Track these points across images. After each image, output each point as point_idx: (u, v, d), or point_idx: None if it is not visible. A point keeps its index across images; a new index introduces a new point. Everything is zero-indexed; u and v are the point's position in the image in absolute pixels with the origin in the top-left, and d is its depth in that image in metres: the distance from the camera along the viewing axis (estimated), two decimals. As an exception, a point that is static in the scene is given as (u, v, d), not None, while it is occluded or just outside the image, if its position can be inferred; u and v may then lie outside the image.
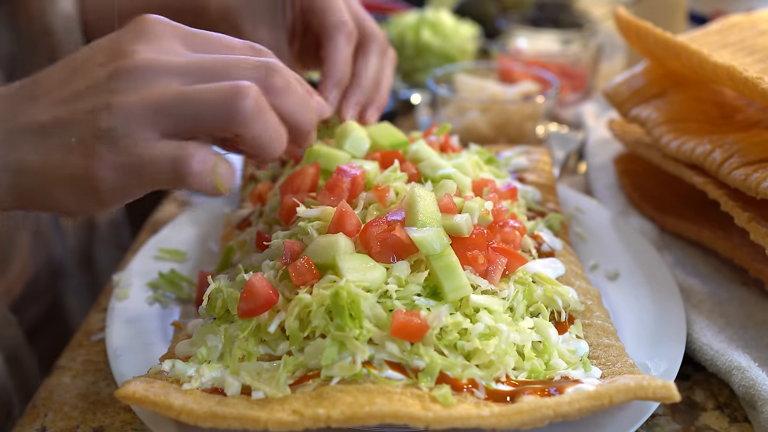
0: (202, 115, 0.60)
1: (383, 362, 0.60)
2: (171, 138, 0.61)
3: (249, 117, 0.60)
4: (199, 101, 0.60)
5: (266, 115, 0.62)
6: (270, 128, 0.63)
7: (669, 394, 0.59)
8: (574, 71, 1.44)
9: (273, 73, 0.63)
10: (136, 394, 0.58)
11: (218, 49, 0.65)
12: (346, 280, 0.63)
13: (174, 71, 0.61)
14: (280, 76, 0.64)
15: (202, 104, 0.60)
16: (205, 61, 0.63)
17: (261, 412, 0.56)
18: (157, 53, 0.61)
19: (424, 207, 0.69)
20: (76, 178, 0.60)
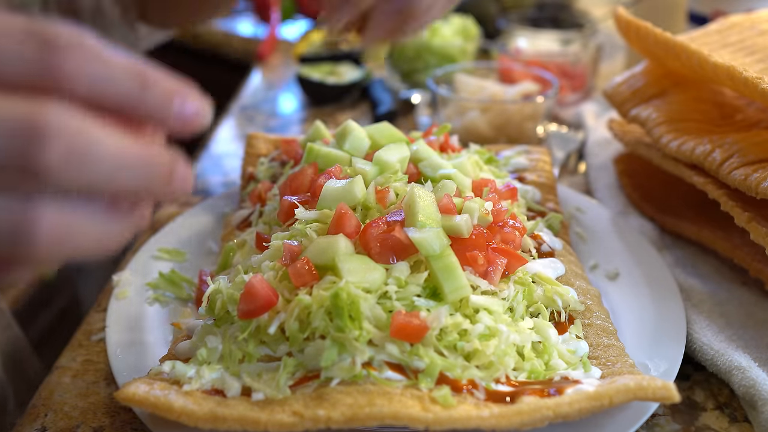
0: None
1: (383, 363, 0.60)
2: None
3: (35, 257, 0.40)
4: None
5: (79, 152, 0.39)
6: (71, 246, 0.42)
7: (669, 394, 0.59)
8: (574, 71, 1.44)
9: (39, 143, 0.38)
10: (136, 396, 0.58)
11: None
12: (346, 281, 0.62)
13: None
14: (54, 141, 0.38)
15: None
16: None
17: (261, 414, 0.56)
18: None
19: (424, 208, 0.69)
20: None
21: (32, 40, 0.39)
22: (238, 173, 1.07)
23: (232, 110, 1.57)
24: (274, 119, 1.53)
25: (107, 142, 0.40)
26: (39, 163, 0.38)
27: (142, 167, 0.41)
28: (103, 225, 0.42)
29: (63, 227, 0.40)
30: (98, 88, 0.40)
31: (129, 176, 0.41)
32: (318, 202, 0.74)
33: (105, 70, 0.40)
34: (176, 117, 0.43)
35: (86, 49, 0.40)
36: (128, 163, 0.41)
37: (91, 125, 0.39)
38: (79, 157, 0.39)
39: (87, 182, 0.40)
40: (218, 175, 1.27)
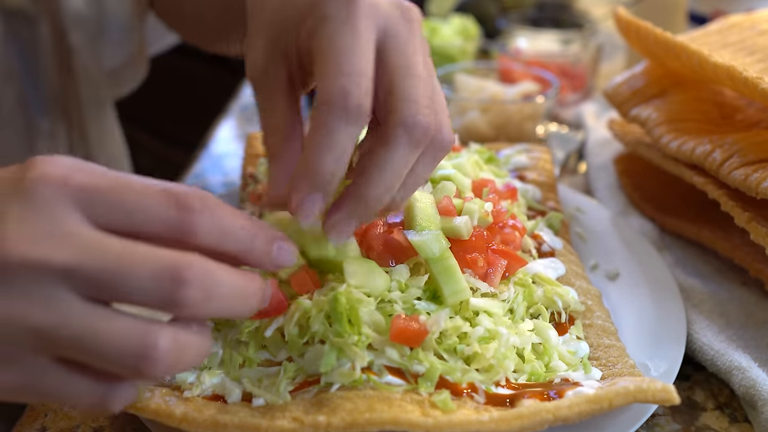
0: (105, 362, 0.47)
1: (383, 367, 0.60)
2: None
3: (163, 371, 0.48)
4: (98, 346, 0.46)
5: (185, 355, 0.49)
6: (192, 360, 0.50)
7: (668, 396, 0.59)
8: (574, 71, 1.44)
9: (182, 285, 0.47)
10: (137, 403, 0.58)
11: (127, 216, 0.48)
12: (347, 284, 0.62)
13: (60, 275, 0.45)
14: (191, 286, 0.47)
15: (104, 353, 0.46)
16: (100, 262, 0.45)
17: (262, 420, 0.57)
18: (38, 243, 0.45)
19: (423, 211, 0.69)
20: None
21: (172, 203, 0.49)
22: (238, 173, 1.07)
23: (232, 110, 1.57)
24: (274, 119, 1.52)
25: (229, 282, 0.50)
26: (180, 300, 0.47)
27: (250, 297, 0.52)
28: (203, 343, 0.51)
29: (178, 347, 0.48)
30: (221, 242, 0.51)
31: (239, 305, 0.52)
32: None
33: (227, 227, 0.51)
34: (273, 260, 0.54)
35: (213, 210, 0.50)
36: (242, 296, 0.51)
37: (217, 268, 0.49)
38: (212, 296, 0.48)
39: (212, 315, 0.50)
40: (218, 175, 1.27)
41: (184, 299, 0.47)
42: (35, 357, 0.47)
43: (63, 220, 0.46)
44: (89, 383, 0.48)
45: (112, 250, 0.46)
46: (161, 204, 0.48)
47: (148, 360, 0.46)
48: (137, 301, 0.47)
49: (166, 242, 0.48)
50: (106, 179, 0.48)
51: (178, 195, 0.49)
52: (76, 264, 0.45)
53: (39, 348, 0.46)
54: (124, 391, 0.50)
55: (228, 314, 0.51)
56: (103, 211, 0.48)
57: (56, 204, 0.46)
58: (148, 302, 0.47)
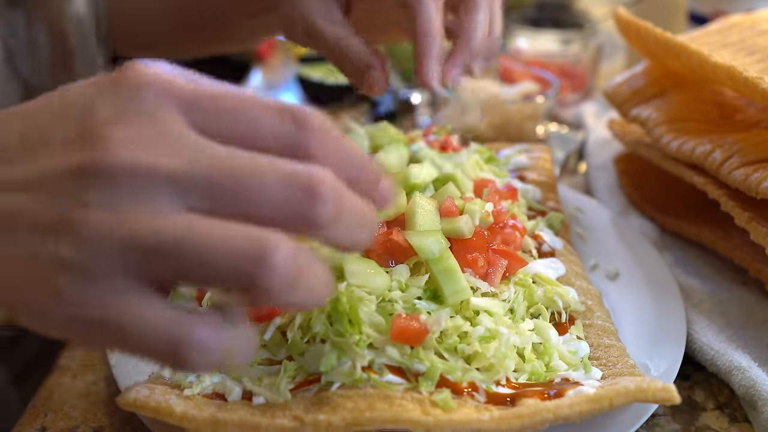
0: (211, 276, 0.42)
1: (383, 366, 0.60)
2: (156, 289, 0.42)
3: (279, 287, 0.42)
4: (210, 255, 0.41)
5: (305, 278, 0.43)
6: (312, 290, 0.44)
7: (669, 396, 0.59)
8: (574, 71, 1.44)
9: (317, 200, 0.42)
10: (137, 401, 0.58)
11: (236, 125, 0.44)
12: (347, 284, 0.62)
13: (169, 184, 0.41)
14: (326, 202, 0.43)
15: (214, 262, 0.41)
16: (215, 169, 0.42)
17: (262, 418, 0.56)
18: (146, 148, 0.41)
19: (423, 217, 0.69)
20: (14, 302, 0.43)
21: (289, 120, 0.45)
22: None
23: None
24: (274, 119, 1.52)
25: (355, 204, 0.45)
26: (314, 216, 0.43)
27: (370, 224, 0.47)
28: (327, 275, 0.45)
29: (299, 264, 0.42)
30: (336, 165, 0.45)
31: (362, 232, 0.46)
32: None
33: (343, 153, 0.46)
34: (377, 197, 0.49)
35: (330, 132, 0.46)
36: (364, 221, 0.46)
37: (346, 190, 0.45)
38: (340, 216, 0.44)
39: (337, 238, 0.45)
40: (218, 175, 1.27)
41: (318, 215, 0.42)
42: (125, 278, 0.41)
43: (172, 126, 0.42)
44: (174, 317, 0.42)
45: (231, 157, 0.42)
46: (276, 117, 0.44)
47: (266, 268, 0.40)
48: (263, 215, 0.42)
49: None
50: (213, 87, 0.44)
51: (294, 111, 0.45)
52: (188, 171, 0.41)
53: (135, 267, 0.41)
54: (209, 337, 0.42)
55: (350, 240, 0.46)
56: (211, 120, 0.43)
57: (162, 108, 0.42)
58: (275, 217, 0.42)
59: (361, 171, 0.47)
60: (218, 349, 0.43)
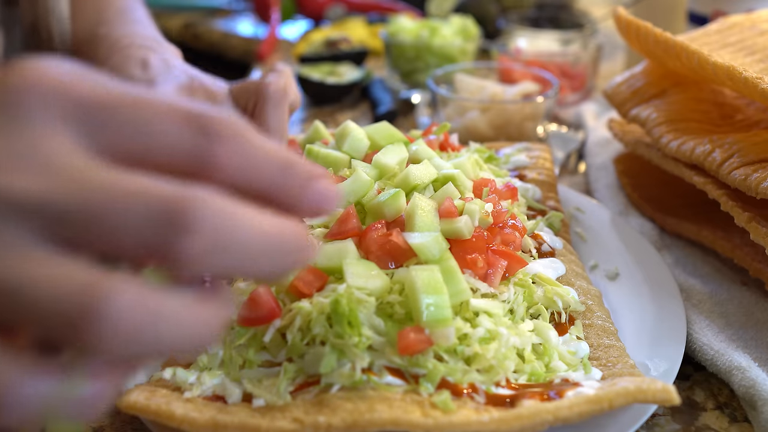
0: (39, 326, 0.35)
1: (383, 368, 0.60)
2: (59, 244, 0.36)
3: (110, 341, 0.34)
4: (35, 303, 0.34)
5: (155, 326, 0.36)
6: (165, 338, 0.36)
7: (668, 397, 0.59)
8: (574, 71, 1.44)
9: (185, 231, 0.36)
10: (138, 404, 0.58)
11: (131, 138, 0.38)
12: (347, 285, 0.62)
13: (19, 212, 0.35)
14: (196, 233, 0.36)
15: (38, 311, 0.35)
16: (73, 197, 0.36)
17: (262, 421, 0.57)
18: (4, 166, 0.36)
19: (422, 217, 0.69)
20: None
21: (192, 126, 0.39)
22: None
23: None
24: (274, 119, 1.52)
25: (252, 227, 0.38)
26: (178, 251, 0.36)
27: (284, 252, 0.40)
28: (195, 317, 0.38)
29: (145, 313, 0.35)
30: (248, 176, 0.41)
31: (264, 263, 0.40)
32: None
33: (258, 159, 0.41)
34: (311, 200, 0.43)
35: (243, 138, 0.40)
36: (270, 248, 0.40)
37: (236, 211, 0.38)
38: (223, 246, 0.37)
39: (221, 271, 0.38)
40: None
41: (182, 249, 0.36)
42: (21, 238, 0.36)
43: (44, 141, 0.37)
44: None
45: (96, 181, 0.36)
46: (179, 127, 0.39)
47: (90, 319, 0.34)
48: (123, 249, 0.36)
49: (183, 175, 0.39)
50: (111, 93, 0.39)
51: (202, 117, 0.40)
52: (44, 197, 0.35)
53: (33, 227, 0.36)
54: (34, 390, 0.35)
55: (251, 273, 0.40)
56: (103, 133, 0.38)
57: (42, 119, 0.37)
58: (136, 252, 0.36)
59: (285, 176, 0.42)
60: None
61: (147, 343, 0.35)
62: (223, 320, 0.39)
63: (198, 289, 0.39)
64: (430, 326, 0.60)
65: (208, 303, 0.39)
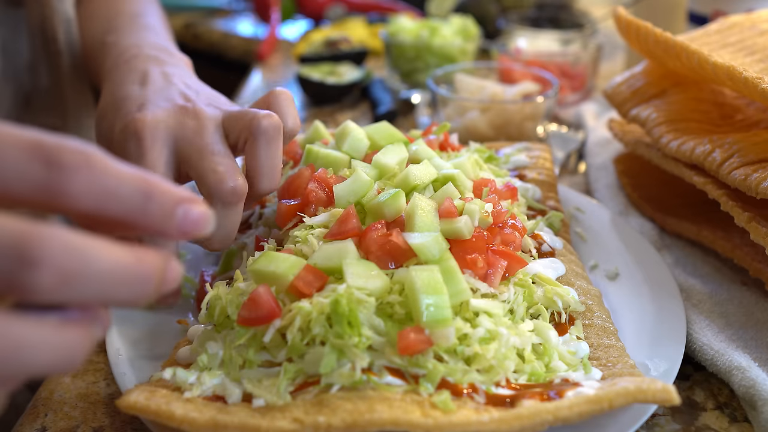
0: None
1: (383, 368, 0.60)
2: None
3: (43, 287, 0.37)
4: None
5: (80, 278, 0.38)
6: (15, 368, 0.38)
7: (668, 397, 0.59)
8: (574, 71, 1.44)
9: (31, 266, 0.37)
10: (138, 404, 0.58)
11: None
12: (347, 285, 0.62)
13: None
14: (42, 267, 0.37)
15: None
16: None
17: (262, 421, 0.56)
18: None
19: (422, 218, 0.69)
20: None
21: (38, 158, 0.39)
22: (238, 173, 1.07)
23: None
24: (274, 119, 1.52)
25: (103, 261, 0.39)
26: (28, 284, 0.37)
27: (135, 281, 0.41)
28: (59, 341, 0.39)
29: (7, 341, 0.37)
30: (101, 204, 0.41)
31: (122, 291, 0.41)
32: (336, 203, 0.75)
33: (110, 186, 0.41)
34: (177, 226, 0.43)
35: (92, 166, 0.40)
36: (123, 280, 0.40)
37: (86, 244, 0.39)
38: (73, 278, 0.38)
39: (78, 300, 0.39)
40: (218, 175, 1.27)
41: (31, 283, 0.37)
42: None
43: None
44: None
45: None
46: (25, 158, 0.39)
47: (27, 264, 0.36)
48: None
49: (34, 207, 0.39)
50: None
51: (48, 148, 0.39)
52: None
53: None
54: None
55: (107, 301, 0.41)
56: None
57: None
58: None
59: (146, 203, 0.42)
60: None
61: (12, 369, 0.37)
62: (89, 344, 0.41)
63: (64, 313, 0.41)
64: (430, 326, 0.61)
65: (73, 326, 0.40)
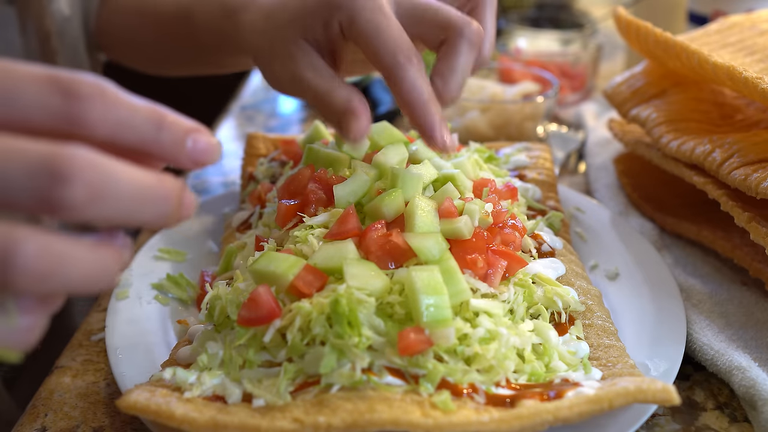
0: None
1: (383, 368, 0.60)
2: None
3: (27, 284, 0.40)
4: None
5: (62, 267, 0.41)
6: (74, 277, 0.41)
7: (668, 397, 0.59)
8: (574, 71, 1.44)
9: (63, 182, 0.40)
10: (138, 404, 0.58)
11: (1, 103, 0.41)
12: (347, 285, 0.62)
13: None
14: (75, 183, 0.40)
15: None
16: None
17: (262, 421, 0.56)
18: None
19: (422, 218, 0.69)
20: None
21: (56, 90, 0.41)
22: (238, 173, 1.07)
23: (232, 110, 1.57)
24: (274, 119, 1.53)
25: (127, 180, 0.42)
26: (60, 200, 0.40)
27: (157, 200, 0.44)
28: (96, 258, 0.42)
29: (51, 256, 0.40)
30: (117, 133, 0.43)
31: (146, 210, 0.43)
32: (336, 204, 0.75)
33: (124, 116, 0.43)
34: (188, 155, 0.46)
35: (107, 96, 0.43)
36: (146, 198, 0.43)
37: (110, 164, 0.41)
38: (102, 194, 0.41)
39: (107, 218, 0.42)
40: (218, 175, 1.27)
41: (64, 198, 0.39)
42: None
43: None
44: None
45: None
46: (43, 90, 0.41)
47: (9, 267, 0.39)
48: (10, 205, 0.40)
49: (53, 136, 0.41)
50: None
51: (64, 80, 0.42)
52: None
53: None
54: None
55: (130, 220, 0.43)
56: None
57: None
58: (21, 205, 0.40)
59: (159, 132, 0.45)
60: None
61: (57, 282, 0.40)
62: (120, 263, 0.44)
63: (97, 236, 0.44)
64: (430, 327, 0.61)
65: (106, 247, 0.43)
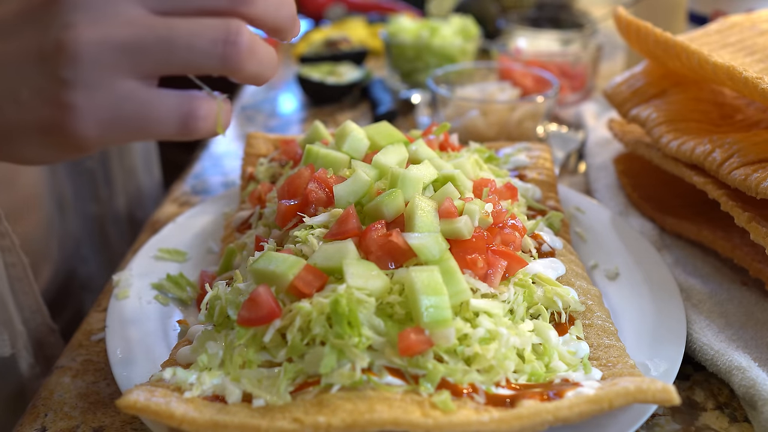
0: (190, 62, 0.54)
1: (383, 368, 0.60)
2: (147, 78, 0.54)
3: (242, 61, 0.55)
4: (186, 47, 0.53)
5: (259, 53, 0.56)
6: (264, 61, 0.57)
7: (668, 397, 0.59)
8: (574, 71, 1.44)
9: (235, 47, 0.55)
10: (137, 404, 0.58)
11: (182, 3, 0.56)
12: (347, 285, 0.62)
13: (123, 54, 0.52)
14: (241, 48, 0.55)
15: (189, 50, 0.53)
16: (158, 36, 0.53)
17: (262, 421, 0.56)
18: (102, 23, 0.52)
19: (422, 218, 0.69)
20: (46, 130, 0.53)
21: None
22: (238, 173, 1.07)
23: (232, 110, 1.57)
24: (274, 119, 1.53)
25: (266, 48, 0.57)
26: (235, 57, 0.54)
27: (274, 65, 0.59)
28: (271, 50, 0.58)
29: (255, 40, 0.56)
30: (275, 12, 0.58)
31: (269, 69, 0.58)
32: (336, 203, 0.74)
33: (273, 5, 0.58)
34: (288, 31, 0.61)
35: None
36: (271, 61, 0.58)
37: (257, 37, 0.56)
38: (254, 55, 0.55)
39: (253, 70, 0.56)
40: (218, 175, 1.27)
41: (236, 57, 0.54)
42: (124, 78, 0.52)
43: (119, 6, 0.52)
44: (175, 98, 0.54)
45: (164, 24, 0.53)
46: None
47: (233, 45, 0.54)
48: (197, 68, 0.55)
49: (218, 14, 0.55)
50: None
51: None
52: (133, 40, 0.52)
53: (129, 67, 0.52)
54: (207, 107, 0.56)
55: (261, 74, 0.57)
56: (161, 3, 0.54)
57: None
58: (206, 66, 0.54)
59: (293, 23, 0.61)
60: (213, 116, 0.56)
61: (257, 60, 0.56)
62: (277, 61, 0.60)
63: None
64: (431, 327, 0.61)
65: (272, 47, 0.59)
